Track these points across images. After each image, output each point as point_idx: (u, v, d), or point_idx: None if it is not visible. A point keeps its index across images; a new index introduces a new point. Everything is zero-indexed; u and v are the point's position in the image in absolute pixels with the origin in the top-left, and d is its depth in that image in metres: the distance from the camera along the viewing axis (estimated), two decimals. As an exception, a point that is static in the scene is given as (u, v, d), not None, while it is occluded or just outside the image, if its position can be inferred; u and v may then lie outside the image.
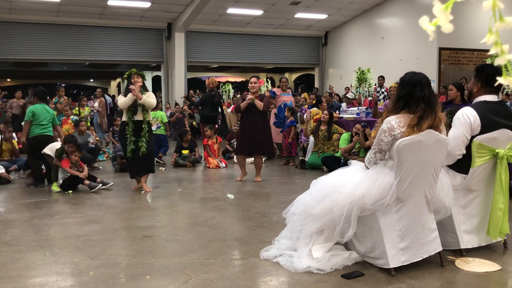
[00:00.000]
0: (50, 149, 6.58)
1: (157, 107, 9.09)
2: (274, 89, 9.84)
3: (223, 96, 13.90)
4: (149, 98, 6.15)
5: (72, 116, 9.02)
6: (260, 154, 6.98)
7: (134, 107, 6.07)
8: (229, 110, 11.82)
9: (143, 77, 6.24)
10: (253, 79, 6.87)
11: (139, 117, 6.10)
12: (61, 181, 6.33)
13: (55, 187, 6.39)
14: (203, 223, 4.59)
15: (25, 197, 6.02)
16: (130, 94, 6.01)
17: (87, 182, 6.32)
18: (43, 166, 6.86)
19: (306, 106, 9.29)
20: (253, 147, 6.80)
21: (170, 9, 14.96)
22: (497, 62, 1.02)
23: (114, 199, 5.87)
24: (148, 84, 29.36)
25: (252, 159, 7.89)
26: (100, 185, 6.34)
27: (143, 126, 6.10)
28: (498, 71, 3.61)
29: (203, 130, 9.11)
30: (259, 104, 6.65)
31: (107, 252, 3.70)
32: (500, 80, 1.05)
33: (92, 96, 11.38)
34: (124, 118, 6.20)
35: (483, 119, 3.32)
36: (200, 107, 10.22)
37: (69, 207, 5.48)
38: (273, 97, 9.60)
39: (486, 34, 1.05)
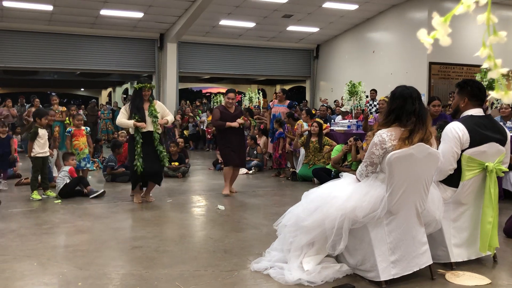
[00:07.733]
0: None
1: None
2: (270, 103, 9.98)
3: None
4: (166, 115, 6.11)
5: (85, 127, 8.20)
6: (242, 167, 7.18)
7: (142, 118, 5.90)
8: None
9: (152, 88, 6.11)
10: (231, 95, 6.78)
11: (148, 128, 5.96)
12: (59, 189, 6.47)
13: (35, 195, 6.35)
14: (193, 234, 4.56)
15: (12, 207, 5.95)
16: (132, 122, 5.85)
17: (89, 188, 6.56)
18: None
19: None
20: (239, 160, 6.78)
21: (162, 19, 15.00)
22: (490, 75, 1.01)
23: (104, 209, 5.82)
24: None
25: (245, 170, 8.15)
26: (101, 191, 6.58)
27: (154, 137, 5.97)
28: (481, 84, 3.67)
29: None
30: (242, 122, 6.73)
31: (96, 263, 3.66)
32: (492, 94, 1.05)
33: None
34: (131, 131, 6.04)
35: (471, 133, 3.36)
36: None
37: (58, 217, 5.42)
38: (270, 109, 9.72)
39: (476, 49, 1.05)
